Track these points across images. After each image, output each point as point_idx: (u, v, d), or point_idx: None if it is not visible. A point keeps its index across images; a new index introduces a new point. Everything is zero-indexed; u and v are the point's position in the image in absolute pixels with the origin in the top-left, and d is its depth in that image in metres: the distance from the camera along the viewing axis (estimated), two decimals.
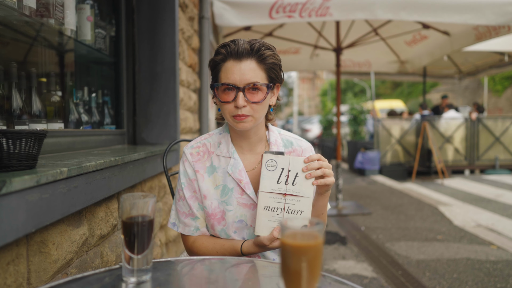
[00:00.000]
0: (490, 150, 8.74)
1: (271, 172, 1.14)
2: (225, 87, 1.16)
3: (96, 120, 2.11)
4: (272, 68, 1.19)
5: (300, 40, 5.76)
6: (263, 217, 1.14)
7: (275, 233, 1.11)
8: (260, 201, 1.14)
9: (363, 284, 2.88)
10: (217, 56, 1.19)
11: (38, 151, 1.04)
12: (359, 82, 23.83)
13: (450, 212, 5.01)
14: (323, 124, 13.72)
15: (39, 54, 1.74)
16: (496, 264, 3.25)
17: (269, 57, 1.17)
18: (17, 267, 0.96)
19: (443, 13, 3.41)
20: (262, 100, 1.17)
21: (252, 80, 1.14)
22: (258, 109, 1.17)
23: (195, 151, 1.29)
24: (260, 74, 1.16)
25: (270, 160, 1.14)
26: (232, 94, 1.16)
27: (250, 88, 1.15)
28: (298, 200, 1.13)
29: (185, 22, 2.94)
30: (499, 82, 15.95)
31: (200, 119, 3.58)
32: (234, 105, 1.15)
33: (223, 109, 1.19)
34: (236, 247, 1.20)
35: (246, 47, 1.15)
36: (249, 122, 1.17)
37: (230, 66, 1.15)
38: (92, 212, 1.39)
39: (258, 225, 1.15)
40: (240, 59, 1.15)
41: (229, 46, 1.16)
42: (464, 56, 7.96)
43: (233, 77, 1.14)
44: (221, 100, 1.17)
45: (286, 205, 1.14)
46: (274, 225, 1.14)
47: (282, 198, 1.14)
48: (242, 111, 1.14)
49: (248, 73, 1.14)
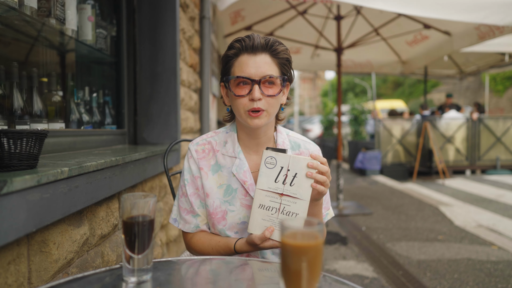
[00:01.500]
0: (491, 150, 8.73)
1: (269, 170, 1.11)
2: (240, 81, 1.15)
3: (97, 120, 2.11)
4: (284, 64, 1.19)
5: (301, 40, 5.77)
6: (257, 215, 1.12)
7: (266, 233, 1.09)
8: (255, 198, 1.12)
9: (364, 284, 2.88)
10: (230, 50, 1.18)
11: (39, 151, 1.04)
12: (360, 82, 23.82)
13: (451, 213, 5.00)
14: (324, 124, 13.72)
15: (40, 54, 1.75)
16: (497, 264, 3.24)
17: (282, 52, 1.18)
18: (18, 266, 0.96)
19: (449, 10, 3.38)
20: (277, 94, 1.16)
21: (267, 73, 1.14)
22: (272, 103, 1.17)
23: (200, 148, 1.28)
24: (274, 68, 1.17)
25: (269, 157, 1.12)
26: (246, 88, 1.15)
27: (266, 81, 1.15)
28: (294, 202, 1.10)
29: (186, 22, 2.95)
30: (500, 82, 15.93)
31: (201, 119, 3.58)
32: (249, 98, 1.14)
33: (236, 104, 1.17)
34: (230, 245, 1.19)
35: (261, 41, 1.15)
36: (264, 118, 1.16)
37: (245, 59, 1.15)
38: (93, 211, 1.40)
39: (251, 223, 1.13)
40: (255, 53, 1.15)
41: (243, 41, 1.16)
42: (465, 56, 7.95)
43: (248, 70, 1.14)
44: (236, 94, 1.16)
45: (282, 206, 1.11)
46: (268, 225, 1.11)
47: (278, 197, 1.11)
48: (257, 104, 1.14)
49: (263, 66, 1.14)
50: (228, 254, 1.20)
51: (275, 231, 1.11)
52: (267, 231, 1.10)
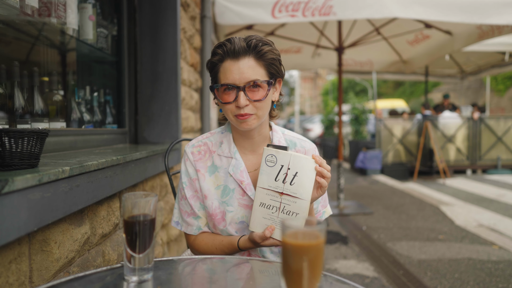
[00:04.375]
0: (492, 150, 8.72)
1: (270, 168, 1.10)
2: (225, 88, 1.14)
3: (98, 119, 2.11)
4: (271, 63, 1.16)
5: (302, 39, 5.76)
6: (258, 213, 1.11)
7: (266, 232, 1.09)
8: (256, 196, 1.12)
9: (365, 283, 2.88)
10: (214, 57, 1.17)
11: (40, 150, 1.04)
12: (361, 81, 23.79)
13: (451, 212, 5.00)
14: (324, 124, 13.72)
15: (41, 53, 1.75)
16: (498, 264, 3.24)
17: (268, 53, 1.14)
18: (19, 265, 0.97)
19: (449, 12, 3.39)
20: (264, 98, 1.14)
21: (252, 78, 1.12)
22: (260, 106, 1.15)
23: (196, 150, 1.28)
24: (260, 71, 1.14)
25: (270, 155, 1.10)
26: (232, 94, 1.14)
27: (250, 86, 1.13)
28: (294, 202, 1.09)
29: (186, 22, 2.95)
30: (501, 82, 15.90)
31: (202, 118, 3.59)
32: (235, 105, 1.13)
33: (225, 110, 1.18)
34: (234, 242, 1.20)
35: (242, 45, 1.12)
36: (253, 121, 1.15)
37: (228, 65, 1.13)
38: (94, 211, 1.40)
39: (252, 221, 1.12)
40: (237, 57, 1.12)
41: (225, 46, 1.13)
42: (466, 56, 7.94)
43: (232, 76, 1.12)
44: (222, 101, 1.16)
45: (282, 205, 1.10)
46: (269, 223, 1.11)
47: (278, 196, 1.10)
48: (244, 110, 1.13)
49: (247, 71, 1.12)
50: (232, 252, 1.21)
51: (276, 230, 1.11)
52: (267, 231, 1.10)
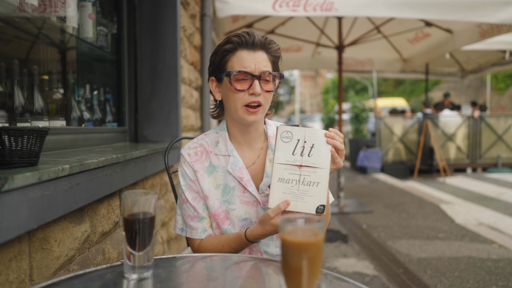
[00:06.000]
0: (493, 148, 8.72)
1: (286, 144, 1.11)
2: (241, 75, 1.17)
3: (98, 117, 2.11)
4: (276, 62, 1.25)
5: (302, 38, 5.75)
6: (276, 189, 1.11)
7: (281, 205, 1.08)
8: (274, 173, 1.11)
9: (364, 282, 2.88)
10: (227, 44, 1.20)
11: (40, 148, 1.04)
12: (361, 80, 23.77)
13: (452, 211, 5.00)
14: (325, 122, 13.71)
15: (41, 52, 1.75)
16: (498, 262, 3.24)
17: (276, 51, 1.24)
18: (19, 263, 0.97)
19: (448, 10, 3.39)
20: (274, 90, 1.22)
21: (266, 69, 1.19)
22: (269, 98, 1.22)
23: (192, 151, 1.28)
24: (269, 65, 1.22)
25: (285, 132, 1.12)
26: (245, 83, 1.18)
27: (264, 77, 1.19)
28: (314, 172, 1.10)
29: (186, 20, 2.94)
30: (502, 80, 15.88)
31: (202, 117, 3.58)
32: (249, 92, 1.17)
33: (233, 99, 1.19)
34: (241, 234, 1.18)
35: (261, 39, 1.20)
36: (260, 113, 1.20)
37: (245, 55, 1.18)
38: (94, 209, 1.40)
39: (271, 198, 1.11)
40: (254, 49, 1.19)
41: (243, 37, 1.18)
42: (467, 54, 7.93)
43: (248, 65, 1.17)
44: (236, 88, 1.17)
45: (302, 177, 1.11)
46: (289, 197, 1.10)
47: (297, 169, 1.11)
48: (257, 98, 1.17)
49: (262, 62, 1.19)
50: (240, 246, 1.20)
51: (297, 202, 1.10)
52: (282, 204, 1.08)
